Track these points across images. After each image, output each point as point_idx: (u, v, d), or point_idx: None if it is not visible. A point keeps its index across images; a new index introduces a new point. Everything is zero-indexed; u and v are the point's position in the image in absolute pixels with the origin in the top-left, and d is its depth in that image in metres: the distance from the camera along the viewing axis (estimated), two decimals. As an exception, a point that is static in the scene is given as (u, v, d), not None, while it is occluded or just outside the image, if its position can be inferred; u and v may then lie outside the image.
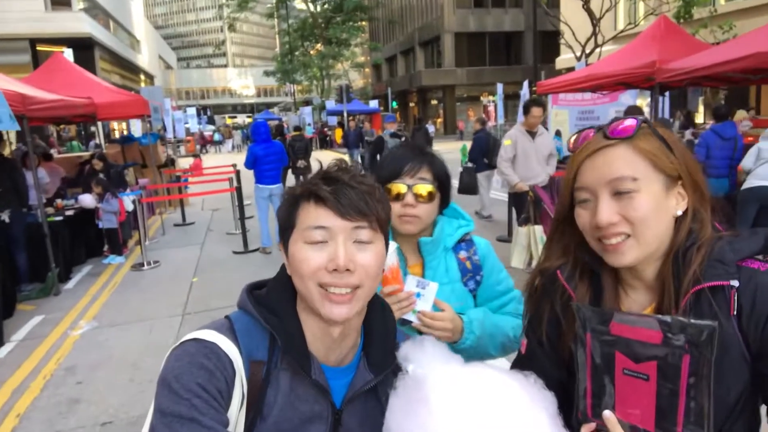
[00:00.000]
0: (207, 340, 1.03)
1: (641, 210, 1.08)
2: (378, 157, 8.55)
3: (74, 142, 17.99)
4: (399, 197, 1.66)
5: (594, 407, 1.12)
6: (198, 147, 36.23)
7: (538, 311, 1.30)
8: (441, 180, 1.72)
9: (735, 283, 1.05)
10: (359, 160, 17.94)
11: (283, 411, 1.07)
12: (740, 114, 8.13)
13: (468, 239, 1.84)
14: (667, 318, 1.01)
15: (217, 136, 41.72)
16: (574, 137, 1.21)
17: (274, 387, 1.07)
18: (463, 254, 1.80)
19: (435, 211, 1.73)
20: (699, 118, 17.71)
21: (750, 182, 6.48)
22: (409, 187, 1.66)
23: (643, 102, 12.73)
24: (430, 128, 26.37)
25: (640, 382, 1.04)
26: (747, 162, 6.53)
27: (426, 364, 1.08)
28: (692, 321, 0.99)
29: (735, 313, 1.06)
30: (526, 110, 7.32)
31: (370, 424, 1.14)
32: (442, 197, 1.74)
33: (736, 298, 1.06)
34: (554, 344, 1.21)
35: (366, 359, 1.17)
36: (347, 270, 1.04)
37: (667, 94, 11.34)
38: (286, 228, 1.12)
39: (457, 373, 1.07)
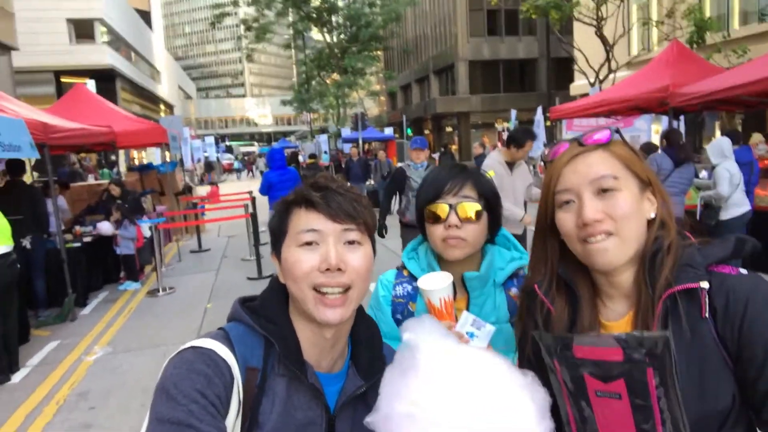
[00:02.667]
0: (204, 347, 1.04)
1: (624, 206, 1.11)
2: (399, 195, 6.59)
3: (105, 170, 18.37)
4: (441, 219, 1.51)
5: None
6: (207, 177, 36.94)
7: (524, 330, 1.32)
8: (488, 198, 1.55)
9: (705, 285, 1.07)
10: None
11: (279, 418, 1.08)
12: (756, 137, 8.05)
13: (521, 274, 1.62)
14: (622, 335, 1.04)
15: (237, 164, 42.68)
16: (548, 149, 1.27)
17: (270, 395, 1.08)
18: (514, 291, 1.60)
19: (483, 233, 1.55)
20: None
21: (732, 212, 6.39)
22: (452, 207, 1.50)
23: (658, 127, 12.65)
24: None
25: (614, 401, 1.05)
26: (723, 188, 6.28)
27: (421, 335, 1.10)
28: (645, 334, 1.01)
29: (707, 314, 1.07)
30: (520, 143, 5.58)
31: (362, 431, 1.14)
32: (490, 219, 1.56)
33: (707, 300, 1.07)
34: (540, 364, 1.21)
35: (355, 366, 1.20)
36: (339, 269, 1.07)
37: (681, 118, 11.31)
38: (279, 235, 1.16)
39: (450, 347, 1.10)
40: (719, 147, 6.47)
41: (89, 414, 4.61)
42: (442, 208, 1.52)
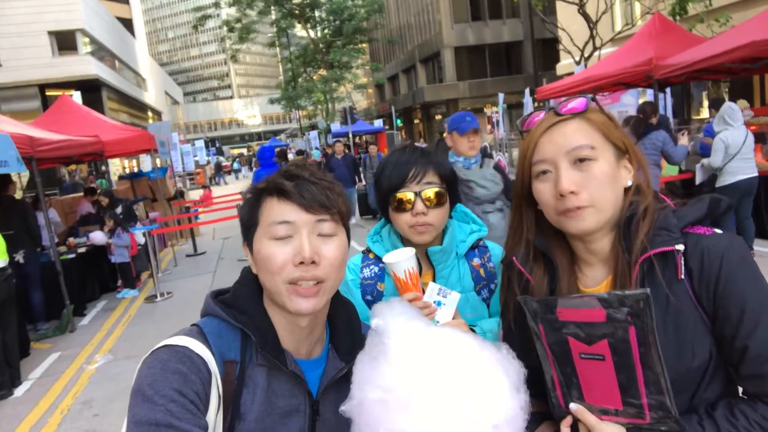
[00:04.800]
0: (178, 345, 1.03)
1: (600, 176, 1.11)
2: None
3: (103, 180, 18.38)
4: (407, 207, 1.55)
5: (564, 397, 1.13)
6: (217, 177, 37.37)
7: (506, 300, 1.34)
8: (448, 181, 1.61)
9: (680, 247, 1.08)
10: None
11: (262, 408, 1.07)
12: (741, 104, 8.06)
13: (481, 245, 1.72)
14: (604, 294, 1.04)
15: (236, 165, 43.87)
16: (523, 119, 1.26)
17: (251, 385, 1.07)
18: (476, 261, 1.69)
19: (446, 215, 1.62)
20: (704, 113, 17.61)
21: (725, 180, 6.46)
22: (417, 194, 1.54)
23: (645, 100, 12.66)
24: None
25: (598, 363, 1.06)
26: (716, 159, 6.44)
27: (389, 319, 1.10)
28: (627, 292, 1.01)
29: (683, 276, 1.08)
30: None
31: None
32: (450, 198, 1.63)
33: (683, 261, 1.08)
34: (522, 332, 1.22)
35: (335, 349, 1.20)
36: (313, 262, 1.06)
37: (668, 90, 11.32)
38: (250, 226, 1.13)
39: (419, 329, 1.10)
40: (721, 114, 6.53)
41: (94, 421, 4.63)
42: (407, 196, 1.54)
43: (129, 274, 8.89)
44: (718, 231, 1.12)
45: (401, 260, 1.45)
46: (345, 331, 1.23)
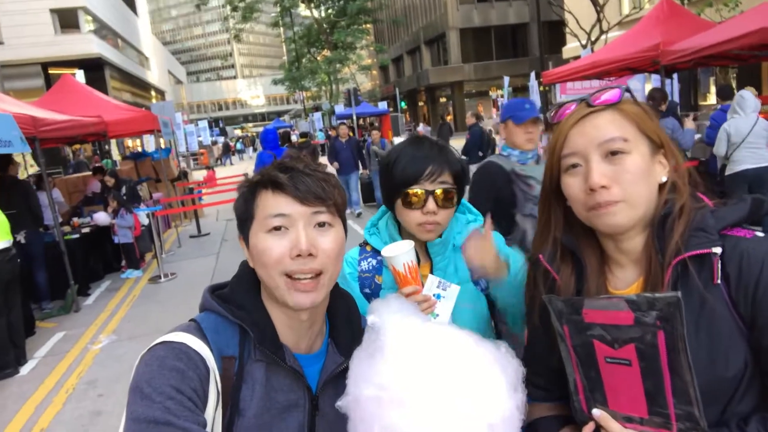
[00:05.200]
0: (175, 341, 1.02)
1: (633, 170, 1.05)
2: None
3: (108, 160, 18.43)
4: (418, 204, 1.51)
5: (588, 401, 1.09)
6: (224, 158, 37.78)
7: (531, 299, 1.28)
8: (460, 180, 1.58)
9: (717, 250, 1.01)
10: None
11: (261, 403, 1.07)
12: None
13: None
14: (633, 296, 0.99)
15: (239, 145, 43.86)
16: (553, 111, 1.19)
17: (249, 381, 1.07)
18: None
19: (453, 214, 1.59)
20: (711, 99, 17.47)
21: (732, 168, 6.46)
22: (431, 193, 1.50)
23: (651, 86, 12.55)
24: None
25: (624, 368, 1.01)
26: (719, 148, 6.43)
27: (386, 316, 1.10)
28: (657, 295, 0.97)
29: (719, 281, 1.02)
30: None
31: None
32: (457, 197, 1.60)
33: (719, 265, 1.02)
34: (547, 332, 1.18)
35: (335, 343, 1.19)
36: (310, 255, 1.05)
37: (675, 76, 11.22)
38: (245, 219, 1.13)
39: (414, 326, 1.10)
40: (733, 103, 6.49)
41: (99, 401, 4.69)
42: (420, 194, 1.51)
43: (133, 255, 8.93)
44: (760, 234, 1.04)
45: (400, 253, 1.44)
46: (344, 324, 1.22)
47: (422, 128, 34.13)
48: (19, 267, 5.70)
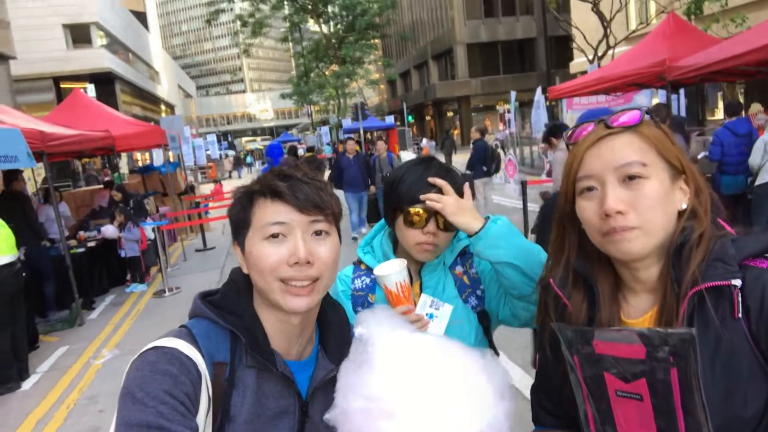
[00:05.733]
0: (167, 346, 1.02)
1: (651, 196, 1.00)
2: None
3: (117, 174, 18.67)
4: (419, 224, 1.50)
5: None
6: (236, 170, 38.33)
7: (542, 324, 1.24)
8: None
9: (737, 282, 0.96)
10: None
11: (251, 410, 1.07)
12: (754, 107, 7.92)
13: (467, 253, 1.68)
14: (645, 330, 0.96)
15: (248, 159, 44.45)
16: (570, 131, 1.15)
17: (240, 387, 1.07)
18: (459, 269, 1.66)
19: (453, 237, 1.59)
20: (718, 114, 17.41)
21: (763, 177, 6.37)
22: (433, 215, 1.50)
23: (657, 101, 12.53)
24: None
25: (636, 403, 0.98)
26: (754, 158, 6.42)
27: (373, 327, 1.10)
28: (670, 330, 0.93)
29: (740, 315, 0.96)
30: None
31: None
32: None
33: (740, 299, 0.96)
34: (558, 361, 1.14)
35: (324, 350, 1.19)
36: (307, 262, 1.06)
37: (682, 91, 11.20)
38: (242, 227, 1.12)
39: (401, 337, 1.09)
40: None
41: (99, 417, 4.67)
42: (422, 214, 1.50)
43: (138, 269, 8.95)
44: None
45: (392, 273, 1.44)
46: (335, 332, 1.22)
47: (425, 143, 34.23)
48: (23, 281, 5.71)
